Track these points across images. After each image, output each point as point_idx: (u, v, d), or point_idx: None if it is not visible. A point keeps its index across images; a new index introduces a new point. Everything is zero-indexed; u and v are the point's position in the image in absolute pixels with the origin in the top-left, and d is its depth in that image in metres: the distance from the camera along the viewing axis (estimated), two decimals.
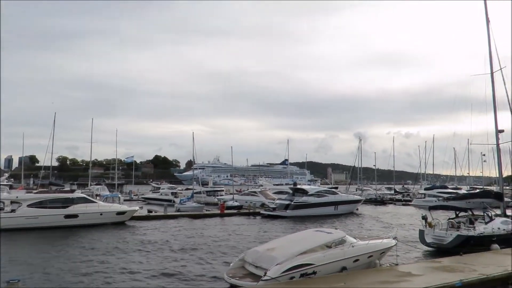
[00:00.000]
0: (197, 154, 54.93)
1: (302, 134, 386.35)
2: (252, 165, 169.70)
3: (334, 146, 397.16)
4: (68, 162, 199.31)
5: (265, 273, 10.10)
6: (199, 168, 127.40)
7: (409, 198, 61.61)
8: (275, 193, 46.96)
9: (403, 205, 55.39)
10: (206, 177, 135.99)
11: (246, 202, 41.86)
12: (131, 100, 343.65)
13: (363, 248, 12.45)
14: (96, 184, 60.41)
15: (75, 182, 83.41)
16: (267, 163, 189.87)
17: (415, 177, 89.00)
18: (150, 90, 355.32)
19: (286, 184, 73.49)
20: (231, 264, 12.03)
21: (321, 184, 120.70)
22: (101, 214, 26.51)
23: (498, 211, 21.44)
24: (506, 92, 22.52)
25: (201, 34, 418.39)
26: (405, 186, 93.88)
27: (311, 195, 36.05)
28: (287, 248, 11.31)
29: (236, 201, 42.04)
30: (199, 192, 48.42)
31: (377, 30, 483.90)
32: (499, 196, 23.14)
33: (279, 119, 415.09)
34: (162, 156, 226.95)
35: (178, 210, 36.12)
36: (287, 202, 35.12)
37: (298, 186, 43.74)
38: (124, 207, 29.45)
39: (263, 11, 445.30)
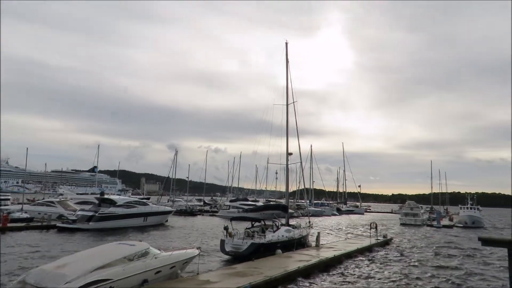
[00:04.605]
0: None
1: (115, 140, 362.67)
2: (53, 171, 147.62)
3: (148, 156, 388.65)
4: None
5: None
6: None
7: (216, 210, 66.12)
8: (78, 203, 42.42)
9: (210, 216, 58.98)
10: None
11: (40, 213, 36.17)
12: None
13: (166, 259, 12.46)
14: None
15: None
16: (72, 170, 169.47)
17: (223, 190, 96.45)
18: None
19: (92, 193, 67.24)
20: None
21: (132, 194, 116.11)
22: None
23: (284, 221, 25.49)
24: (296, 122, 27.48)
25: None
26: (213, 198, 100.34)
27: (120, 205, 34.09)
28: (81, 264, 10.17)
29: (25, 212, 35.69)
30: None
31: (197, 50, 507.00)
32: (285, 208, 27.46)
33: (89, 122, 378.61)
34: None
35: None
36: (90, 214, 32.05)
37: (106, 196, 40.69)
38: None
39: (81, 3, 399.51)
